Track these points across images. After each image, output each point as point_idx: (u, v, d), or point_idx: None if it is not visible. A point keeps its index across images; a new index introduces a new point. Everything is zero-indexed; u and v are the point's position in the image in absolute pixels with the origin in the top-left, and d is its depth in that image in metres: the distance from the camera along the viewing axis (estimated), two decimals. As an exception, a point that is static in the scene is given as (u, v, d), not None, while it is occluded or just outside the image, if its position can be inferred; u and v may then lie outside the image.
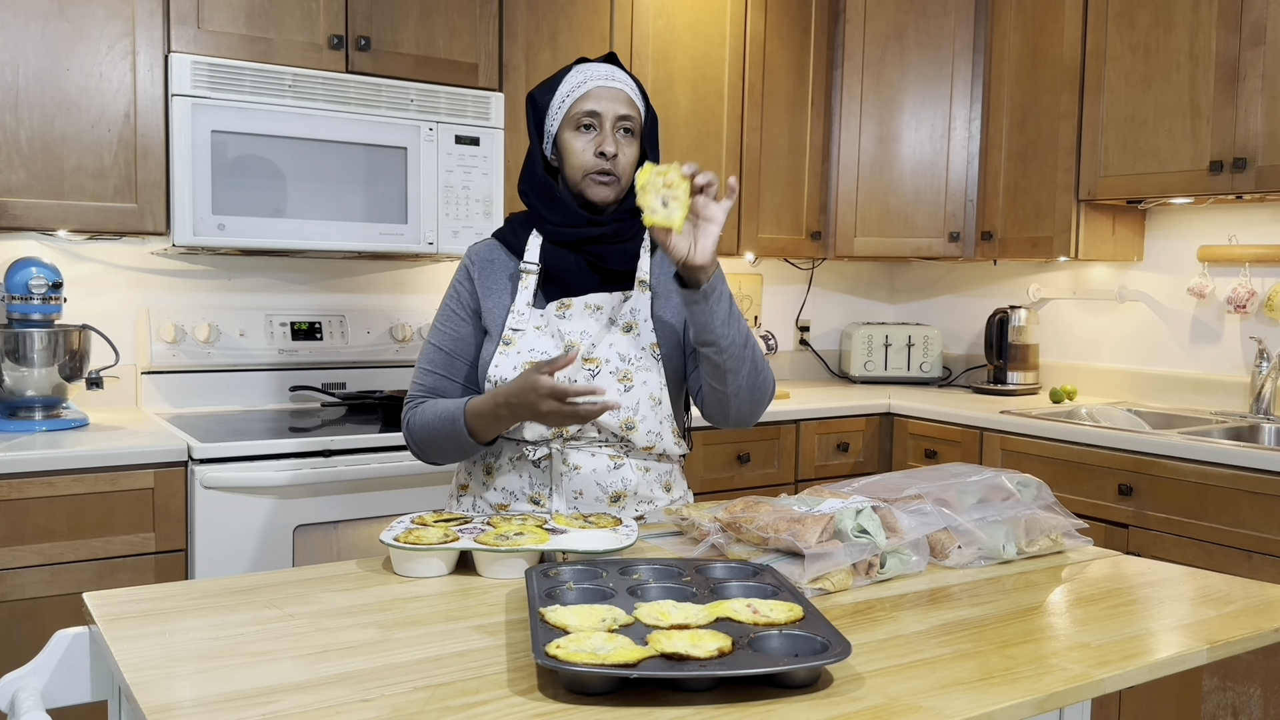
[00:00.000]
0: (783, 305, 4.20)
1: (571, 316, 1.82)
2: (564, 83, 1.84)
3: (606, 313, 1.83)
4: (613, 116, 1.81)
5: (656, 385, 1.82)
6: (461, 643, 1.24)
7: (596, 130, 1.81)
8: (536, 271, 1.85)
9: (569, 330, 1.81)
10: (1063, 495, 2.95)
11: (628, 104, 1.83)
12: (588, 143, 1.81)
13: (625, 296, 1.84)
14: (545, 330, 1.82)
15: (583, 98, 1.81)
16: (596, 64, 1.86)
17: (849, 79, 3.79)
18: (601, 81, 1.82)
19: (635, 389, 1.80)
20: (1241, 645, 1.35)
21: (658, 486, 1.86)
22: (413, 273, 3.33)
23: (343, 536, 2.55)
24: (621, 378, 1.80)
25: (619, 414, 1.79)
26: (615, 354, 1.80)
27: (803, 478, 3.42)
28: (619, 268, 1.85)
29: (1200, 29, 3.02)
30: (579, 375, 1.79)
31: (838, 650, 1.12)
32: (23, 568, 2.25)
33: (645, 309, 1.84)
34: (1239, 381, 3.31)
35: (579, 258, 1.83)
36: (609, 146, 1.80)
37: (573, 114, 1.82)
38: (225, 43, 2.66)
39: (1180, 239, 3.48)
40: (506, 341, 1.81)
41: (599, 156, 1.80)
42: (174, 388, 2.92)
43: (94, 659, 1.37)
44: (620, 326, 1.82)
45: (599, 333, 1.81)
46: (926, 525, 1.59)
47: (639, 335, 1.82)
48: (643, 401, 1.80)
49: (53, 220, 2.51)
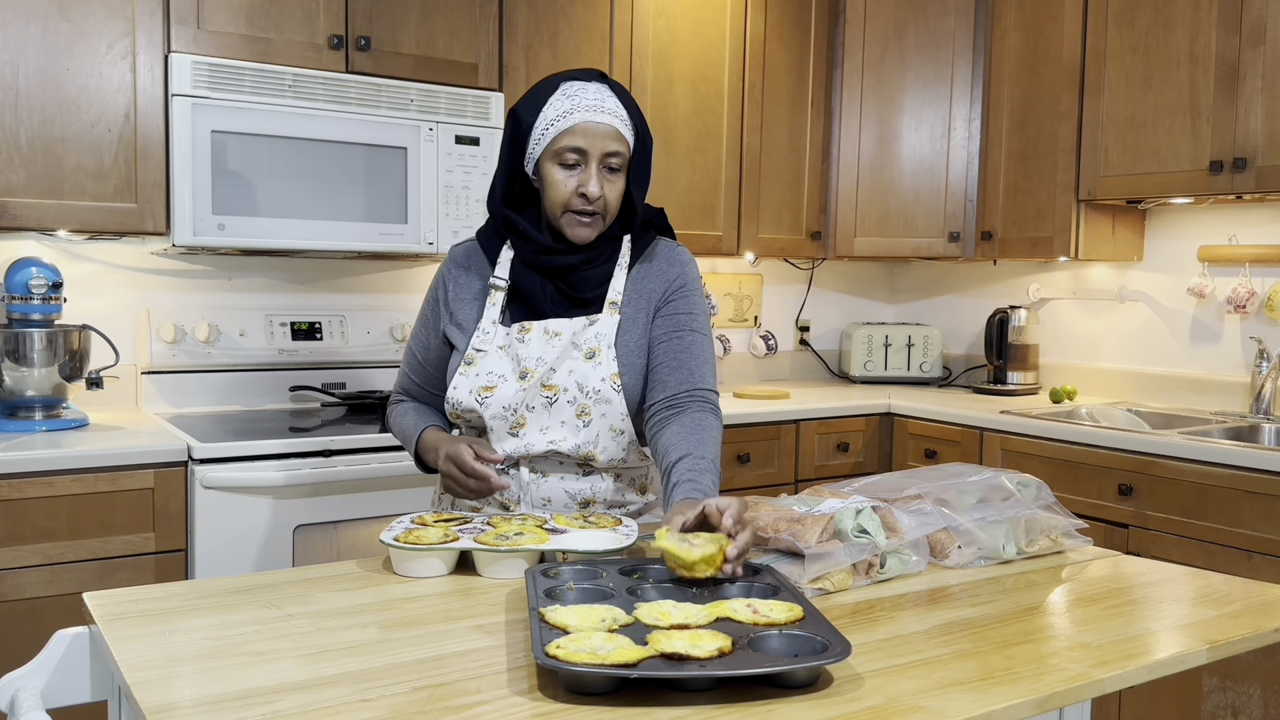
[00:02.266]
0: (783, 305, 4.21)
1: (529, 341, 1.76)
2: (549, 106, 1.72)
3: (567, 338, 1.76)
4: (599, 154, 1.71)
5: (617, 417, 1.75)
6: (461, 643, 1.24)
7: (581, 167, 1.71)
8: (505, 288, 1.80)
9: (525, 354, 1.75)
10: (1063, 495, 2.95)
11: (615, 139, 1.72)
12: (570, 178, 1.72)
13: (591, 320, 1.77)
14: (507, 351, 1.77)
15: (568, 131, 1.70)
16: (586, 85, 1.74)
17: (849, 79, 3.79)
18: (588, 116, 1.70)
19: (594, 423, 1.74)
20: (1241, 645, 1.35)
21: (630, 490, 1.84)
22: (413, 273, 3.33)
23: (343, 536, 2.55)
24: (579, 412, 1.74)
25: (577, 447, 1.75)
26: (574, 382, 1.74)
27: (803, 478, 3.42)
28: (589, 294, 1.79)
29: (1200, 29, 3.02)
30: (536, 400, 1.74)
31: (838, 650, 1.12)
32: (23, 568, 2.25)
33: (610, 334, 1.76)
34: (1239, 381, 3.31)
35: (548, 284, 1.78)
36: (593, 188, 1.70)
37: (556, 146, 1.71)
38: (225, 43, 2.66)
39: (1180, 239, 3.48)
40: (468, 361, 1.77)
41: (581, 196, 1.71)
42: (174, 388, 2.92)
43: (94, 659, 1.37)
44: (583, 352, 1.75)
45: (557, 358, 1.75)
46: (926, 525, 1.59)
47: (600, 364, 1.74)
48: (602, 434, 1.75)
49: (53, 220, 2.51)
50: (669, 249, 1.87)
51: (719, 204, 3.57)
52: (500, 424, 1.75)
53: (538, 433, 1.75)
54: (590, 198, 1.71)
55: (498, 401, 1.74)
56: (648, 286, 1.82)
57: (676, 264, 1.85)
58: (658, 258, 1.84)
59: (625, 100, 1.77)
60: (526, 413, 1.75)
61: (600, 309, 1.79)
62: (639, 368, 1.78)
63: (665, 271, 1.83)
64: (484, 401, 1.75)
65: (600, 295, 1.79)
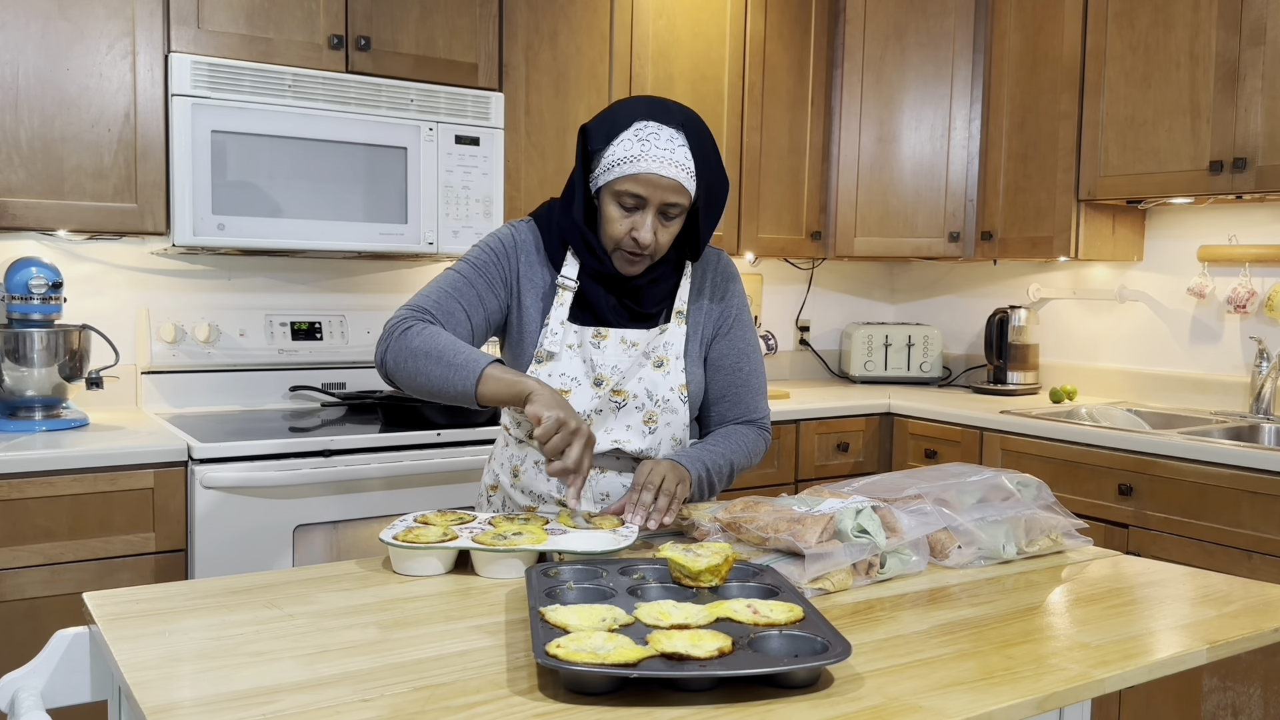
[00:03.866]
0: (783, 305, 4.20)
1: (605, 348, 1.79)
2: (619, 142, 1.70)
3: (641, 348, 1.80)
4: (658, 203, 1.70)
5: (680, 427, 1.82)
6: (461, 643, 1.24)
7: (638, 211, 1.71)
8: (575, 289, 1.80)
9: (601, 361, 1.78)
10: (1063, 495, 2.95)
11: (677, 191, 1.70)
12: (625, 219, 1.71)
13: (661, 329, 1.82)
14: (578, 353, 1.79)
15: (631, 177, 1.68)
16: (660, 130, 1.70)
17: (849, 79, 3.79)
18: (653, 167, 1.67)
19: (659, 430, 1.80)
20: (1241, 645, 1.35)
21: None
22: (413, 273, 3.33)
23: (343, 536, 2.55)
24: (647, 419, 1.79)
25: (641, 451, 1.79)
26: (644, 389, 1.78)
27: (803, 478, 3.41)
28: (652, 309, 1.82)
29: (1200, 29, 3.02)
30: (605, 405, 1.77)
31: (838, 650, 1.12)
32: (23, 568, 2.25)
33: (679, 344, 1.81)
34: (1239, 381, 3.31)
35: (611, 297, 1.80)
36: (644, 235, 1.70)
37: (617, 187, 1.70)
38: (225, 43, 2.66)
39: (1180, 239, 3.48)
40: (539, 360, 1.78)
41: (633, 239, 1.71)
42: (174, 388, 2.92)
43: (94, 659, 1.37)
44: (652, 361, 1.79)
45: (630, 366, 1.79)
46: (926, 525, 1.59)
47: (669, 373, 1.80)
48: (664, 442, 1.81)
49: (53, 220, 2.51)
50: (717, 258, 1.92)
51: (719, 204, 3.56)
52: None
53: (603, 434, 1.79)
54: (641, 244, 1.71)
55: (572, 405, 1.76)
56: (706, 302, 1.87)
57: (727, 278, 1.90)
58: (711, 270, 1.89)
59: (698, 148, 1.73)
60: (595, 416, 1.78)
61: (662, 320, 1.84)
62: (699, 378, 1.85)
63: (721, 290, 1.89)
64: None
65: (661, 310, 1.84)
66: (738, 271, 1.93)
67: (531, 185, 3.15)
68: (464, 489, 2.69)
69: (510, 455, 1.89)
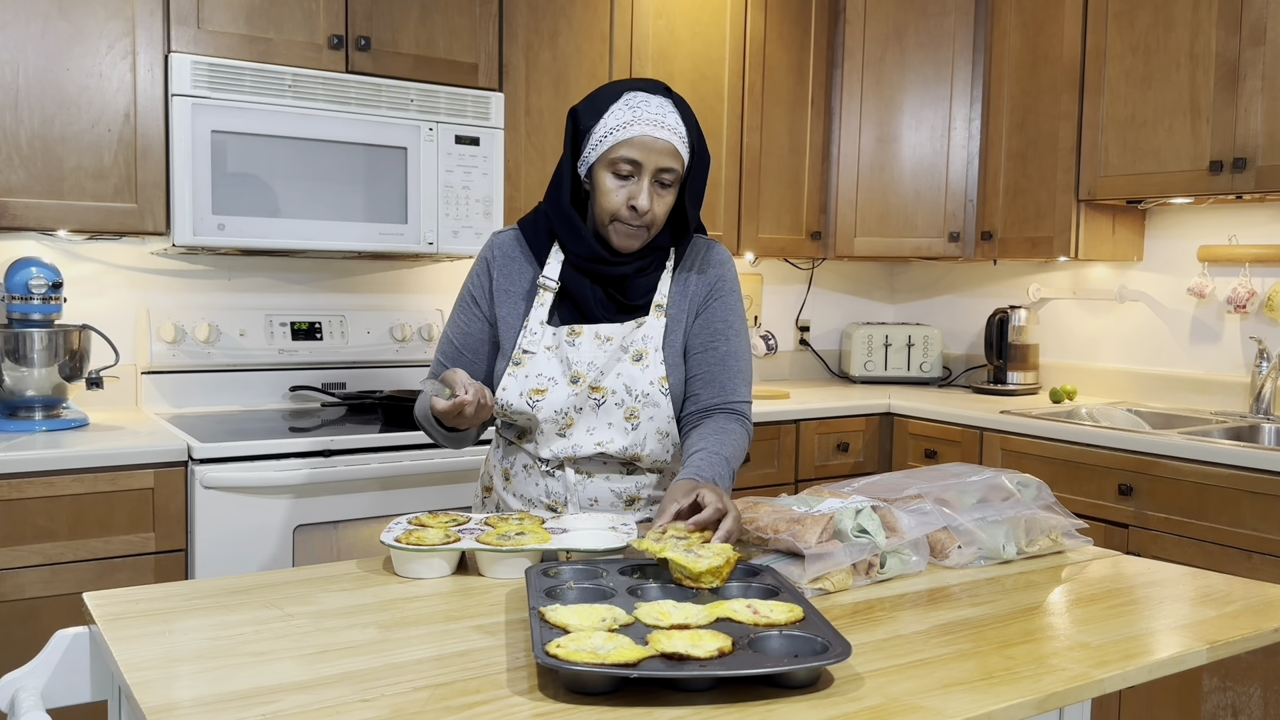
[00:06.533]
0: (783, 305, 4.20)
1: (580, 345, 1.79)
2: (610, 114, 1.72)
3: (617, 342, 1.79)
4: (653, 168, 1.71)
5: (664, 420, 1.80)
6: (462, 643, 1.24)
7: (634, 179, 1.72)
8: (555, 290, 1.81)
9: (576, 358, 1.78)
10: (1063, 495, 2.95)
11: (671, 155, 1.72)
12: (621, 188, 1.72)
13: (639, 323, 1.80)
14: (555, 353, 1.79)
15: (626, 142, 1.70)
16: (650, 98, 1.73)
17: (849, 79, 3.79)
18: (647, 129, 1.70)
19: (641, 425, 1.79)
20: (1241, 645, 1.35)
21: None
22: (413, 273, 3.33)
23: (343, 536, 2.55)
24: (628, 415, 1.78)
25: (625, 449, 1.78)
26: (622, 385, 1.77)
27: (803, 478, 3.42)
28: (638, 301, 1.82)
29: (1200, 29, 3.02)
30: (585, 403, 1.77)
31: (838, 651, 1.12)
32: (23, 568, 2.25)
33: (658, 337, 1.80)
34: (1239, 381, 3.31)
35: (597, 288, 1.80)
36: (643, 201, 1.70)
37: (611, 155, 1.71)
38: (225, 43, 2.66)
39: (1180, 239, 3.48)
40: (516, 362, 1.79)
41: (631, 209, 1.72)
42: (174, 388, 2.92)
43: (94, 659, 1.37)
44: (630, 355, 1.78)
45: (606, 362, 1.78)
46: (926, 525, 1.59)
47: (648, 366, 1.78)
48: (649, 436, 1.80)
49: (53, 220, 2.51)
50: (707, 248, 1.90)
51: (719, 204, 3.57)
52: (550, 426, 1.78)
53: (585, 434, 1.78)
54: (640, 211, 1.72)
55: (549, 405, 1.77)
56: (690, 289, 1.85)
57: (715, 264, 1.88)
58: (698, 258, 1.88)
59: (687, 117, 1.76)
60: (575, 414, 1.78)
61: (646, 312, 1.82)
62: (682, 372, 1.83)
63: (705, 272, 1.86)
64: (535, 404, 1.77)
65: (647, 301, 1.82)
66: (730, 259, 1.91)
67: (531, 185, 3.14)
68: (463, 489, 2.69)
69: (501, 458, 1.90)
